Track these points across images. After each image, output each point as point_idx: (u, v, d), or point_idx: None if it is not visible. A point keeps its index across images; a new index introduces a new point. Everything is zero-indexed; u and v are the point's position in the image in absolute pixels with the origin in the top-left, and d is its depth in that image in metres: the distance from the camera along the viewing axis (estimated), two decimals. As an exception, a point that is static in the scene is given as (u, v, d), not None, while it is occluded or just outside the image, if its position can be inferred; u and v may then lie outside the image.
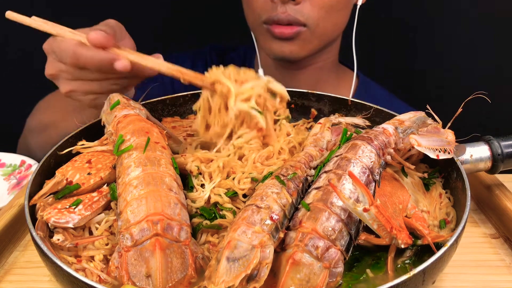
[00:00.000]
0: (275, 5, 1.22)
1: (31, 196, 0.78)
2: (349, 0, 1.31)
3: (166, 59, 0.93)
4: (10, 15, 0.92)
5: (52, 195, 0.79)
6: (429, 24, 1.88)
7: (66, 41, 0.89)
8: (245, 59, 1.55)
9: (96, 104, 0.97)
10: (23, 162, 1.19)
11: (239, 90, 0.90)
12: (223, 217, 0.79)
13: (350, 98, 1.13)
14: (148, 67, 0.90)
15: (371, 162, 0.77)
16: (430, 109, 0.92)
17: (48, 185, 0.79)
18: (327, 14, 1.25)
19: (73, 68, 0.90)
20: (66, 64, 0.90)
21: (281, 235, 0.69)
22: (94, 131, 0.97)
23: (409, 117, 0.91)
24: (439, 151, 0.83)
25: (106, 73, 0.90)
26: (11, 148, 1.30)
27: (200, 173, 0.85)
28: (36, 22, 0.92)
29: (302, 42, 1.28)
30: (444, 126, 0.90)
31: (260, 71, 1.38)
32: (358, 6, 1.33)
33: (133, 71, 0.88)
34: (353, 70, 1.41)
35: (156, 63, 0.90)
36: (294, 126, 1.10)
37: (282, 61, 1.38)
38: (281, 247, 0.69)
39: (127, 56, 0.87)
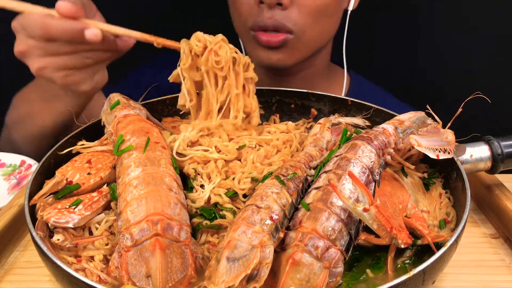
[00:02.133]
0: (262, 10, 1.20)
1: (31, 196, 0.78)
2: (338, 7, 1.29)
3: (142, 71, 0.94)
4: None
5: (52, 195, 0.79)
6: (430, 24, 1.87)
7: (34, 14, 0.86)
8: None
9: (68, 82, 0.93)
10: (23, 162, 1.19)
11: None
12: (223, 217, 0.79)
13: (341, 96, 1.13)
14: (120, 34, 0.89)
15: (371, 162, 0.77)
16: (430, 109, 0.92)
17: (48, 185, 0.79)
18: (315, 20, 1.23)
19: (43, 41, 0.86)
20: (35, 38, 0.86)
21: (281, 235, 0.69)
22: (94, 131, 0.97)
23: (409, 117, 0.91)
24: (439, 151, 0.83)
25: (77, 44, 0.88)
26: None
27: (199, 174, 0.85)
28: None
29: (289, 50, 1.26)
30: (444, 126, 0.90)
31: None
32: (349, 12, 1.31)
33: (105, 43, 0.88)
34: (347, 69, 1.40)
35: (128, 31, 0.89)
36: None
37: (270, 69, 1.36)
38: (281, 247, 0.69)
39: (97, 25, 0.86)
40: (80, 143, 0.91)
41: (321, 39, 1.32)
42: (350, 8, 1.31)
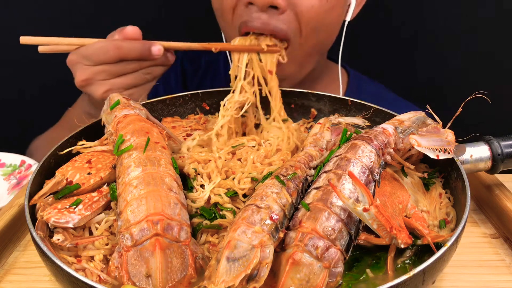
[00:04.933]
0: (250, 12, 1.09)
1: (31, 196, 0.78)
2: (339, 17, 1.20)
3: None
4: (25, 40, 0.98)
5: (52, 195, 0.79)
6: (430, 24, 1.88)
7: (100, 42, 0.98)
8: (220, 61, 1.47)
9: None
10: (23, 162, 1.19)
11: None
12: (223, 217, 0.79)
13: (341, 96, 1.13)
14: (179, 47, 1.03)
15: (371, 162, 0.77)
16: (430, 109, 0.92)
17: (48, 185, 0.79)
18: (313, 30, 1.13)
19: (111, 64, 0.98)
20: (104, 62, 0.97)
21: (281, 235, 0.69)
22: (94, 131, 0.97)
23: (408, 117, 0.91)
24: (439, 151, 0.83)
25: (141, 62, 1.00)
26: (11, 148, 1.30)
27: (199, 174, 0.85)
28: (54, 41, 1.00)
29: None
30: (444, 126, 0.90)
31: None
32: (347, 23, 1.24)
33: (162, 58, 1.01)
34: (345, 68, 1.39)
35: (186, 44, 1.03)
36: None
37: None
38: (281, 247, 0.69)
39: (159, 43, 1.00)
40: (80, 143, 0.91)
41: (319, 51, 1.25)
42: (348, 19, 1.23)
